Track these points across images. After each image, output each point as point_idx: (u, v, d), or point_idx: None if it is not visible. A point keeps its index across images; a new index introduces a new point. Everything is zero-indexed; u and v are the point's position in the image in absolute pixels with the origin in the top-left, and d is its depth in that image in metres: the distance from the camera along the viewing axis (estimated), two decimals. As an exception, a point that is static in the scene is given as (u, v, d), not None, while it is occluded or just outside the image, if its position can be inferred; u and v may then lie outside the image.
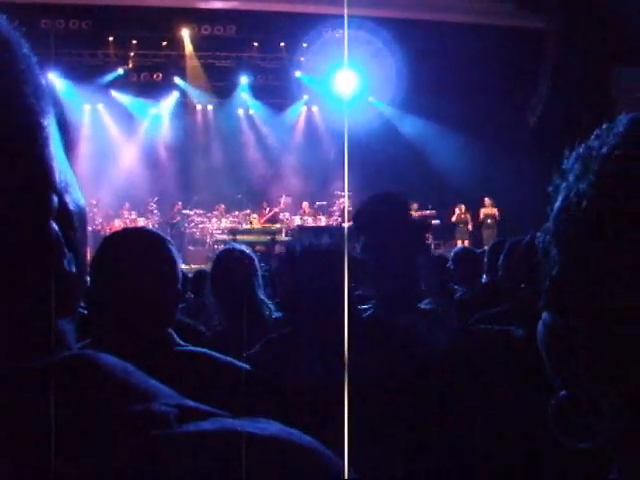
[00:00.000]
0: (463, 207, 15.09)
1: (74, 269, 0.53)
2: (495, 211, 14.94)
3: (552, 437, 0.54)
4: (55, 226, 0.52)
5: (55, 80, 14.30)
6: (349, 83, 16.59)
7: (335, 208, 15.23)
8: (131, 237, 1.71)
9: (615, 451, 0.53)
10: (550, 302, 0.56)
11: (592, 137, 0.57)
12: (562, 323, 0.54)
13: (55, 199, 0.52)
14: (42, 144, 0.52)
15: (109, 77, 15.87)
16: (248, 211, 15.01)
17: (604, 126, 0.56)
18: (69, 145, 0.58)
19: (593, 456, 0.55)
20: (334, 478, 0.51)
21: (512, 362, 1.72)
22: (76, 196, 0.57)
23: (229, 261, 2.78)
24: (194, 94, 16.86)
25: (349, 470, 0.52)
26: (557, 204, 0.56)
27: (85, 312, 1.76)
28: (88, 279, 1.51)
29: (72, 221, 0.55)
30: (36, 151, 0.52)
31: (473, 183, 14.27)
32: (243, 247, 2.92)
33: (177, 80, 16.49)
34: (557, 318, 0.55)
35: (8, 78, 0.51)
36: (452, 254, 4.74)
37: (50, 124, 0.54)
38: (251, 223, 14.42)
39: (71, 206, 0.55)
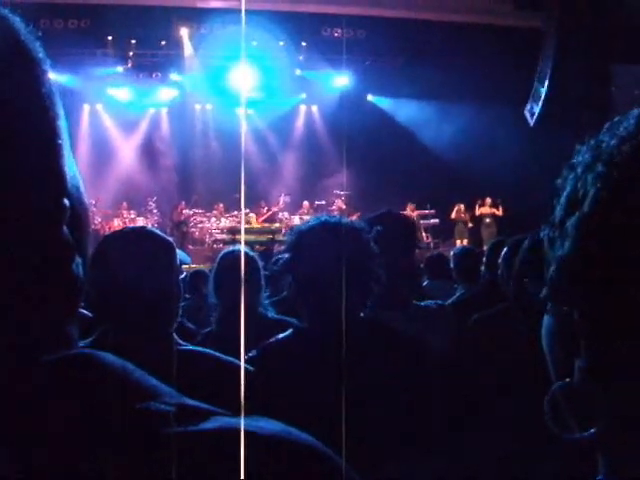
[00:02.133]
0: (462, 206, 15.09)
1: (81, 272, 0.54)
2: (494, 211, 14.93)
3: (548, 436, 0.54)
4: (66, 231, 0.53)
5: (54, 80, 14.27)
6: (348, 81, 16.60)
7: (334, 207, 15.24)
8: (131, 236, 1.71)
9: (605, 447, 0.53)
10: (554, 293, 0.56)
11: (603, 130, 0.56)
12: (566, 315, 0.54)
13: (67, 204, 0.53)
14: (57, 149, 0.53)
15: (108, 76, 15.84)
16: (247, 210, 14.99)
17: (616, 119, 0.56)
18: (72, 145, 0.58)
19: (582, 454, 0.55)
20: (333, 477, 0.52)
21: (511, 361, 1.72)
22: (82, 198, 0.57)
23: (232, 263, 2.79)
24: (193, 93, 16.84)
25: (348, 469, 0.52)
26: (564, 194, 0.56)
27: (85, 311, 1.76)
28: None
29: (80, 224, 0.56)
30: (52, 156, 0.53)
31: (474, 182, 14.27)
32: (246, 249, 2.93)
33: (176, 79, 16.47)
34: (561, 309, 0.55)
35: (27, 83, 0.52)
36: (452, 253, 4.74)
37: (63, 128, 0.55)
38: (249, 222, 14.40)
39: (78, 209, 0.56)
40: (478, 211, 15.05)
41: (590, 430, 0.53)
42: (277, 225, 14.43)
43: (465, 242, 13.86)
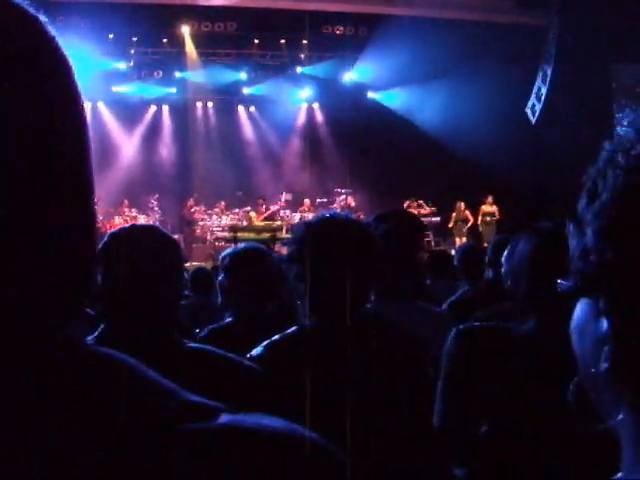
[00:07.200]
0: (462, 204, 15.06)
1: (98, 278, 0.55)
2: (495, 209, 14.90)
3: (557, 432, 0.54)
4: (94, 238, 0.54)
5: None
6: (349, 78, 16.60)
7: (336, 205, 15.23)
8: (136, 234, 1.71)
9: (628, 438, 0.53)
10: (580, 283, 0.56)
11: (623, 124, 0.57)
12: (595, 305, 0.54)
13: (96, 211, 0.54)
14: (89, 154, 0.54)
15: (109, 74, 15.83)
16: (248, 208, 14.99)
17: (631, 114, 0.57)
18: None
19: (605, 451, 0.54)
20: (338, 474, 0.52)
21: (510, 358, 1.72)
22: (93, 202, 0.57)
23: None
24: (194, 91, 16.84)
25: (352, 466, 0.53)
26: (585, 188, 0.56)
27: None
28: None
29: (96, 229, 0.56)
30: (85, 162, 0.53)
31: (475, 180, 14.26)
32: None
33: (177, 77, 16.47)
34: (591, 300, 0.55)
35: (66, 84, 0.51)
36: (456, 251, 4.75)
37: (89, 132, 0.55)
38: (250, 220, 14.38)
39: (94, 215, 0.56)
40: (481, 210, 15.00)
41: (614, 419, 0.52)
42: (278, 223, 14.40)
43: (464, 240, 13.83)
